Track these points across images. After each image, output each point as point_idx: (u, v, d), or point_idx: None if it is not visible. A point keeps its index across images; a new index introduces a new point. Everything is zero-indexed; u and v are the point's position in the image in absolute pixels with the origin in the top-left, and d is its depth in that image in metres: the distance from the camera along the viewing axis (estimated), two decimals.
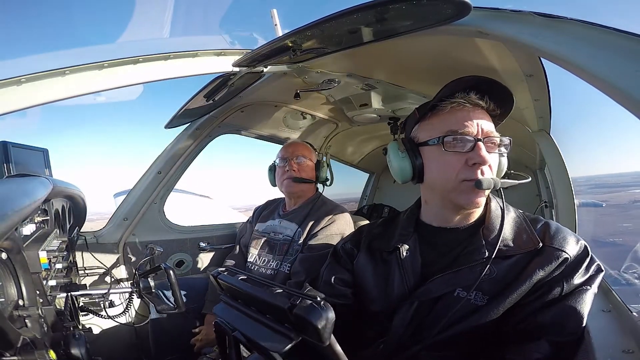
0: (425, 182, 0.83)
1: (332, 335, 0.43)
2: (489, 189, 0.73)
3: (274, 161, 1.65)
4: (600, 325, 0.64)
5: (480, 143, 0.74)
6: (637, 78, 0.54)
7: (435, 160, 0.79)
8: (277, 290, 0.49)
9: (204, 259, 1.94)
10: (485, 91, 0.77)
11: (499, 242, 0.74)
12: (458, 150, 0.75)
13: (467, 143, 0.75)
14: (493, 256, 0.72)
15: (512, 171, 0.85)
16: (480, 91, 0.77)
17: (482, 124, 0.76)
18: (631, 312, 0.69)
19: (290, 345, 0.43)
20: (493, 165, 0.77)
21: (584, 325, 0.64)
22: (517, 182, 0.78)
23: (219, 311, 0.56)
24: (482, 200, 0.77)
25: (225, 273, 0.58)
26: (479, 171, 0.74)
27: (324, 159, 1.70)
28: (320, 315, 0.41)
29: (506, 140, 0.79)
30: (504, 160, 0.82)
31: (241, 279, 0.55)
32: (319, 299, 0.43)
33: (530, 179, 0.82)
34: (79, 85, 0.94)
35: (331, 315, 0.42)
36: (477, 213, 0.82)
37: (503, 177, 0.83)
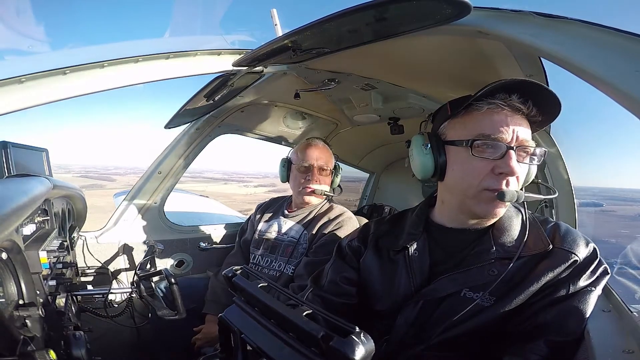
0: (445, 182, 0.80)
1: None
2: (511, 201, 0.70)
3: (291, 157, 1.59)
4: (600, 325, 0.63)
5: (512, 152, 0.69)
6: (637, 78, 0.54)
7: (460, 162, 0.75)
8: (307, 311, 0.44)
9: (204, 259, 1.94)
10: (529, 95, 0.71)
11: (518, 244, 0.72)
12: (487, 156, 0.71)
13: (498, 150, 0.70)
14: (516, 257, 0.70)
15: (539, 180, 0.82)
16: (524, 94, 0.71)
17: (518, 131, 0.71)
18: (631, 312, 0.69)
19: None
20: (521, 176, 0.73)
21: (584, 326, 0.64)
22: (542, 197, 0.74)
23: (230, 314, 0.52)
24: (501, 212, 0.74)
25: (239, 273, 0.54)
26: (504, 182, 0.70)
27: None
28: (360, 349, 0.37)
29: (541, 151, 0.74)
30: (534, 168, 0.78)
31: (261, 286, 0.51)
32: (357, 330, 0.39)
33: (557, 195, 0.79)
34: (79, 84, 0.94)
35: (371, 348, 0.38)
36: (493, 219, 0.79)
37: (530, 185, 0.80)
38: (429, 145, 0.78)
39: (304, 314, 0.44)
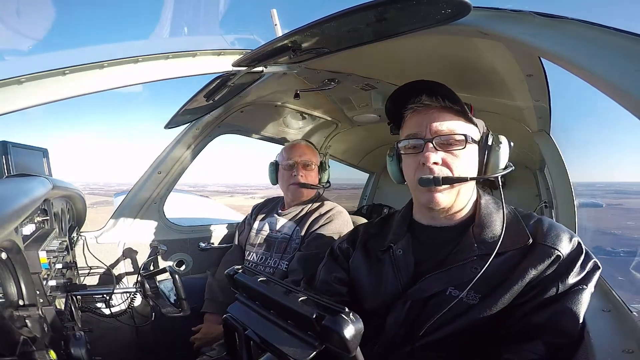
0: None
1: (358, 347, 0.42)
2: (428, 185, 0.75)
3: (277, 159, 1.64)
4: (600, 325, 0.64)
5: (429, 143, 0.77)
6: (637, 78, 0.54)
7: (403, 163, 0.86)
8: (301, 297, 0.48)
9: (204, 259, 1.94)
10: (434, 91, 0.79)
11: (496, 241, 0.73)
12: (413, 152, 0.81)
13: (419, 145, 0.79)
14: (493, 254, 0.71)
15: (509, 164, 0.82)
16: (430, 92, 0.79)
17: (432, 124, 0.78)
18: (631, 312, 0.69)
19: (313, 354, 0.43)
20: (455, 162, 0.77)
21: (580, 326, 0.64)
22: (463, 177, 0.76)
23: (233, 310, 0.55)
24: (442, 199, 0.77)
25: (241, 271, 0.57)
26: (428, 170, 0.76)
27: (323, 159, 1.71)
28: (349, 326, 0.41)
29: (460, 137, 0.77)
30: (497, 155, 0.79)
31: (261, 280, 0.54)
32: (347, 310, 0.43)
33: (512, 168, 0.81)
34: (79, 85, 0.94)
35: (360, 326, 0.42)
36: (463, 211, 0.82)
37: (511, 179, 0.83)
38: (393, 153, 0.89)
39: (299, 300, 0.47)
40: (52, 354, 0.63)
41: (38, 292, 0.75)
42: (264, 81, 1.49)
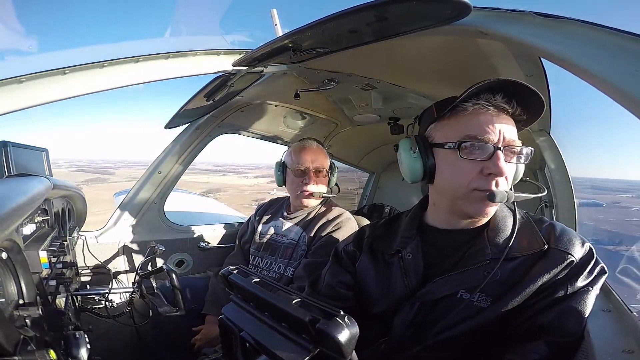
0: (435, 184, 0.80)
1: (353, 351, 0.42)
2: (502, 202, 0.70)
3: (285, 160, 1.57)
4: (600, 325, 0.63)
5: (500, 152, 0.69)
6: (637, 78, 0.54)
7: (449, 164, 0.75)
8: (295, 300, 0.47)
9: (204, 259, 1.94)
10: (512, 95, 0.71)
11: (508, 244, 0.72)
12: (474, 157, 0.71)
13: (485, 151, 0.70)
14: (502, 258, 0.70)
15: (527, 179, 0.82)
16: (508, 94, 0.71)
17: (504, 131, 0.70)
18: (631, 312, 0.69)
19: (307, 357, 0.43)
20: (510, 175, 0.73)
21: (584, 326, 0.64)
22: (531, 196, 0.74)
23: (228, 312, 0.54)
24: (491, 210, 0.75)
25: (236, 272, 0.57)
26: (493, 182, 0.70)
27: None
28: (344, 330, 0.40)
29: (527, 150, 0.74)
30: (521, 167, 0.79)
31: (255, 281, 0.53)
32: (342, 313, 0.42)
33: (545, 192, 0.78)
34: (79, 84, 0.94)
35: (355, 330, 0.41)
36: (484, 218, 0.80)
37: (517, 184, 0.80)
38: (417, 148, 0.78)
39: (293, 302, 0.46)
40: (52, 354, 0.63)
41: (38, 292, 0.75)
42: (264, 81, 1.49)
